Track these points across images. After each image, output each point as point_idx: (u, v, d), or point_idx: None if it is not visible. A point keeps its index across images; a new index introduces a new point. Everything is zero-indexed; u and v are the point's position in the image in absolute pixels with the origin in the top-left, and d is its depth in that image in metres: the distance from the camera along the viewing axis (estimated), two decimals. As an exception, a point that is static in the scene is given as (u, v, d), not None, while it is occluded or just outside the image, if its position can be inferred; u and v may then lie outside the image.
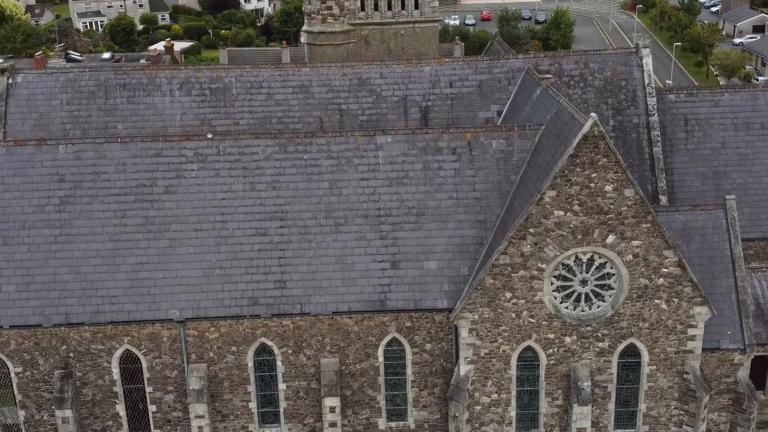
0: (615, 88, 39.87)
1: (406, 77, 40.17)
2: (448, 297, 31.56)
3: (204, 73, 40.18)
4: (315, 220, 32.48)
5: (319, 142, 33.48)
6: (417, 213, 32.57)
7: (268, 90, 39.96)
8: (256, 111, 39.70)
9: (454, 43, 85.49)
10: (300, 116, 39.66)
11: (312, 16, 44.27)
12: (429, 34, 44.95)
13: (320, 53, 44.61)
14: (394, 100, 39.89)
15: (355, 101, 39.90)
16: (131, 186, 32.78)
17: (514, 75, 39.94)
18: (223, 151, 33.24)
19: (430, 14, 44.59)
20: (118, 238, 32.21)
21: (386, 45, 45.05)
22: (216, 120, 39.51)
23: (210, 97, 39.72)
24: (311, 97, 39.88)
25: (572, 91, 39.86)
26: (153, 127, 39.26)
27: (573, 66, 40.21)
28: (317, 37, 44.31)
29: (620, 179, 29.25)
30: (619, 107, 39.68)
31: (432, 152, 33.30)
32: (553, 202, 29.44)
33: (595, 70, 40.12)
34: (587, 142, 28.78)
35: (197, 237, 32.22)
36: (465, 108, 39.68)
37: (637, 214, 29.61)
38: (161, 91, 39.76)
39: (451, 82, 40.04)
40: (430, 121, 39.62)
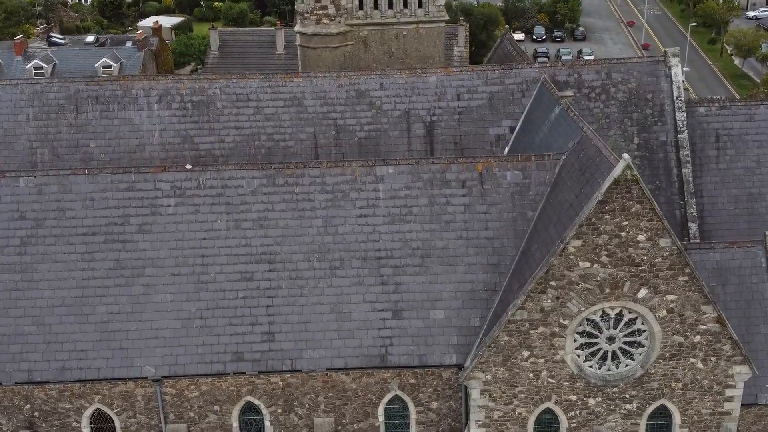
0: (640, 101, 36.05)
1: (408, 89, 36.31)
2: (457, 351, 28.13)
3: (185, 84, 36.26)
4: (307, 263, 28.92)
5: (312, 173, 29.78)
6: (422, 255, 29.01)
7: (256, 103, 36.13)
8: (243, 126, 35.91)
9: (458, 24, 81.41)
10: (292, 132, 35.89)
11: (305, 16, 40.23)
12: (434, 35, 40.96)
13: (315, 56, 40.66)
14: (396, 115, 36.08)
15: (352, 116, 36.09)
16: (100, 224, 29.17)
17: (528, 86, 36.07)
18: (204, 184, 29.56)
19: (435, 13, 40.54)
20: (85, 284, 28.69)
21: (387, 47, 41.07)
22: (199, 137, 35.74)
23: (192, 111, 35.91)
24: (304, 111, 36.06)
25: (593, 104, 36.04)
26: (129, 144, 35.52)
27: (594, 76, 36.32)
28: (311, 39, 40.32)
29: (655, 228, 25.63)
30: (644, 123, 35.90)
31: (439, 185, 29.63)
32: (578, 252, 25.84)
33: (618, 81, 36.24)
34: (618, 187, 25.09)
35: (174, 283, 28.68)
36: (474, 123, 35.88)
37: (673, 266, 26.04)
38: (138, 104, 35.93)
39: (458, 95, 36.18)
40: (435, 137, 35.87)
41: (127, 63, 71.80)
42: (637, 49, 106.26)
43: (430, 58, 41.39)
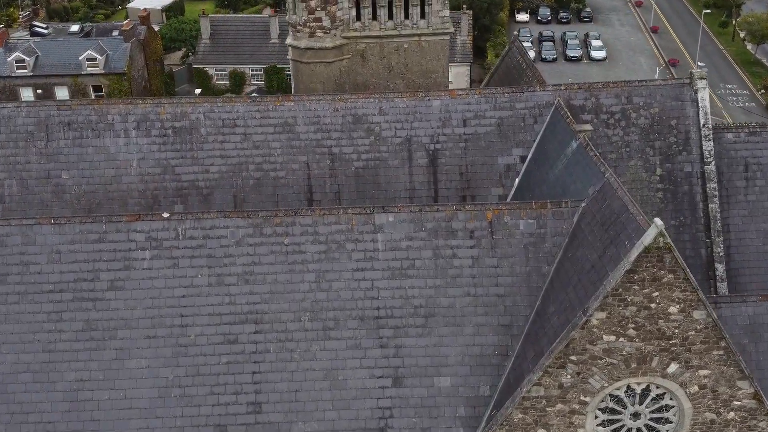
0: (664, 128, 32.97)
1: (410, 113, 33.21)
2: (465, 424, 25.43)
3: (165, 108, 33.10)
4: (298, 323, 26.10)
5: (304, 222, 26.81)
6: (425, 314, 26.17)
7: (243, 129, 33.04)
8: (229, 155, 32.86)
9: (461, 12, 77.98)
10: (283, 162, 32.86)
11: (297, 28, 36.91)
12: (437, 49, 37.68)
13: (308, 72, 37.43)
14: (397, 142, 33.03)
15: (349, 143, 33.03)
16: (68, 280, 26.27)
17: (541, 111, 32.97)
18: (183, 234, 26.59)
19: (439, 25, 37.23)
20: (52, 347, 25.88)
21: (386, 61, 37.81)
22: (181, 167, 32.70)
23: (173, 138, 32.82)
24: (296, 138, 32.99)
25: (612, 131, 32.96)
26: (104, 175, 32.51)
27: (613, 101, 33.19)
28: (304, 54, 37.06)
29: (689, 299, 22.77)
30: (668, 152, 32.86)
31: (444, 235, 26.68)
32: (602, 325, 23.01)
33: (639, 105, 33.11)
34: (649, 256, 22.17)
35: (150, 346, 25.87)
36: (481, 152, 32.85)
37: (707, 339, 23.24)
38: (114, 130, 32.83)
39: (464, 120, 33.09)
40: (439, 167, 32.86)
41: (113, 55, 68.38)
42: (645, 32, 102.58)
43: (433, 72, 38.18)
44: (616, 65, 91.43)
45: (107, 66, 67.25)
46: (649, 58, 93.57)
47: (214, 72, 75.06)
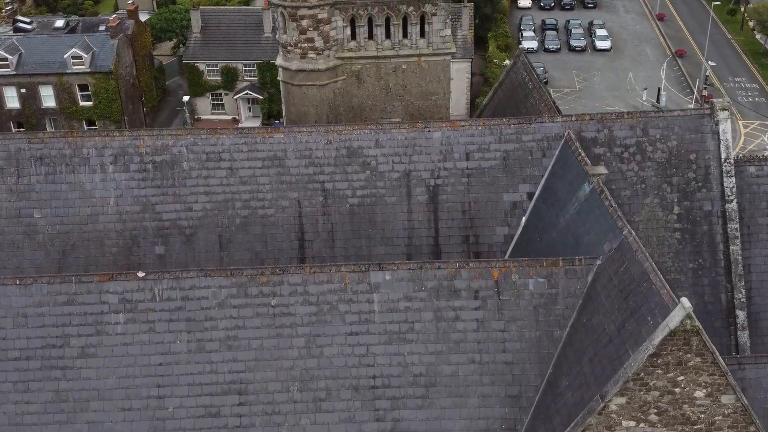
0: (682, 163, 30.61)
1: (409, 146, 30.84)
2: (468, 506, 23.30)
3: (145, 141, 30.71)
4: (286, 394, 23.95)
5: (293, 281, 24.55)
6: (426, 383, 24.02)
7: (229, 163, 30.68)
8: (214, 192, 30.53)
9: (461, 5, 74.98)
10: (272, 198, 30.56)
11: (288, 49, 34.35)
12: (438, 70, 35.16)
13: (300, 95, 34.91)
14: (394, 177, 30.68)
15: (343, 178, 30.70)
16: (35, 347, 24.09)
17: (549, 144, 30.60)
18: (160, 295, 24.35)
19: (440, 45, 34.66)
20: (19, 420, 23.78)
21: (384, 82, 35.29)
22: (162, 204, 30.40)
23: (154, 174, 30.48)
24: (286, 173, 30.65)
25: (626, 166, 30.60)
26: (80, 214, 30.22)
27: (627, 133, 30.78)
28: (295, 76, 34.54)
29: (717, 383, 20.61)
30: (686, 189, 30.53)
31: (446, 295, 24.45)
32: (621, 410, 20.88)
33: (656, 138, 30.72)
34: (675, 339, 19.94)
35: (125, 420, 23.77)
36: (486, 188, 30.52)
37: (735, 424, 21.12)
38: (89, 165, 30.48)
39: (467, 153, 30.72)
40: (440, 204, 30.55)
41: (99, 53, 65.56)
42: (651, 19, 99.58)
43: (433, 94, 35.68)
44: (621, 55, 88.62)
45: (93, 64, 64.53)
46: (656, 48, 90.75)
47: (206, 68, 72.36)
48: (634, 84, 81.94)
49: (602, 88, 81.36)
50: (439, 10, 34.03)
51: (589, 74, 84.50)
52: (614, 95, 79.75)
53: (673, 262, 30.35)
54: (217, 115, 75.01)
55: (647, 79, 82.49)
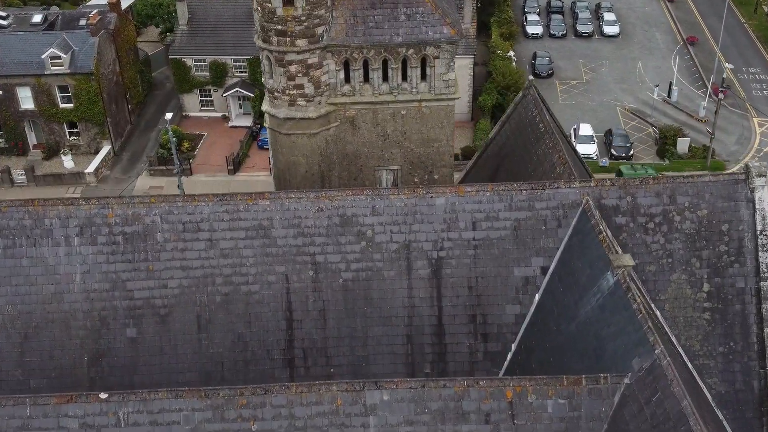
0: (713, 234, 27.51)
1: (409, 214, 27.69)
2: None
3: (114, 209, 27.53)
4: None
5: (276, 402, 21.62)
6: None
7: (209, 234, 27.56)
8: (192, 266, 27.48)
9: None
10: (257, 273, 27.54)
11: (275, 95, 30.94)
12: (441, 115, 31.81)
13: (289, 144, 31.59)
14: (393, 249, 27.60)
15: (335, 250, 27.62)
16: (-15, 480, 21.16)
17: (566, 213, 27.46)
18: (125, 419, 21.42)
19: (442, 90, 31.26)
20: None
21: (381, 128, 31.95)
22: (134, 281, 27.40)
23: (124, 247, 27.39)
24: (272, 245, 27.56)
25: (651, 238, 27.50)
26: (42, 293, 27.23)
27: (653, 200, 27.62)
28: (284, 124, 31.19)
29: None
30: (717, 264, 27.47)
31: (453, 419, 21.56)
32: None
33: (684, 206, 27.56)
34: None
35: None
36: (494, 262, 27.47)
37: None
38: (53, 238, 27.37)
39: (474, 222, 27.58)
40: (443, 279, 27.53)
41: (79, 52, 61.71)
42: (661, 0, 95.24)
43: (435, 141, 32.37)
44: (630, 42, 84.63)
45: (73, 65, 60.70)
46: (666, 33, 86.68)
47: (193, 63, 68.56)
48: (643, 75, 78.21)
49: (610, 79, 77.62)
50: (442, 53, 30.55)
51: (597, 64, 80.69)
52: (623, 88, 76.08)
53: (702, 345, 27.43)
54: (205, 112, 71.37)
55: (657, 70, 78.76)
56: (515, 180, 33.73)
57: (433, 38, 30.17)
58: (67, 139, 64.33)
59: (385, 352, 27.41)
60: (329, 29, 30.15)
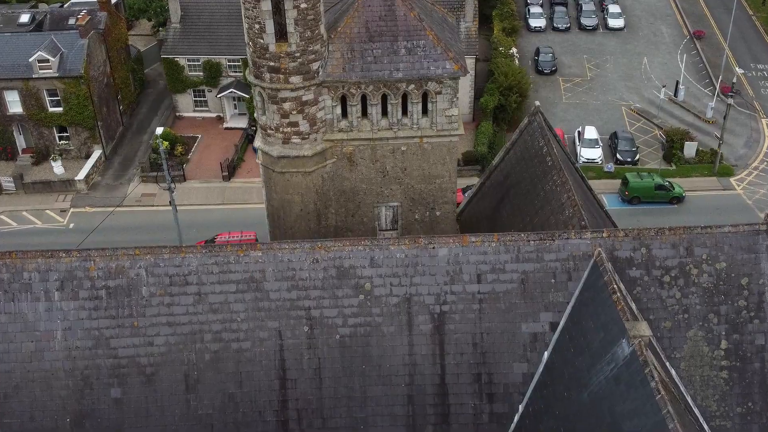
0: (731, 288, 26.00)
1: (410, 265, 26.14)
2: None
3: (96, 262, 25.95)
4: None
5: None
6: None
7: (197, 288, 26.04)
8: (179, 322, 26.00)
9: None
10: (248, 329, 26.07)
11: (268, 132, 29.19)
12: (443, 151, 30.07)
13: (283, 182, 29.88)
14: (393, 303, 26.09)
15: (332, 304, 26.12)
16: None
17: (576, 265, 25.93)
18: None
19: (445, 126, 29.50)
20: None
21: (380, 165, 30.23)
22: (118, 338, 25.93)
23: (107, 302, 25.89)
24: (265, 298, 26.06)
25: (667, 292, 25.98)
26: (21, 351, 25.82)
27: (669, 252, 26.04)
28: (277, 162, 29.47)
29: None
30: (736, 320, 25.99)
31: None
32: None
33: (701, 258, 26.00)
34: None
35: None
36: (501, 316, 25.99)
37: None
38: (32, 292, 25.86)
39: (479, 275, 26.04)
40: (446, 335, 26.07)
41: (68, 54, 59.68)
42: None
43: (437, 177, 30.64)
44: (635, 36, 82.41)
45: (62, 68, 58.67)
46: (672, 27, 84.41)
47: (186, 63, 66.48)
48: (649, 72, 76.19)
49: (615, 77, 75.58)
50: (445, 88, 28.74)
51: (601, 59, 78.62)
52: (628, 86, 74.10)
53: (719, 405, 26.03)
54: (199, 112, 69.40)
55: (663, 67, 76.73)
56: (520, 216, 32.28)
57: (435, 74, 28.36)
58: (56, 143, 62.45)
59: (385, 414, 25.99)
60: (325, 64, 28.31)
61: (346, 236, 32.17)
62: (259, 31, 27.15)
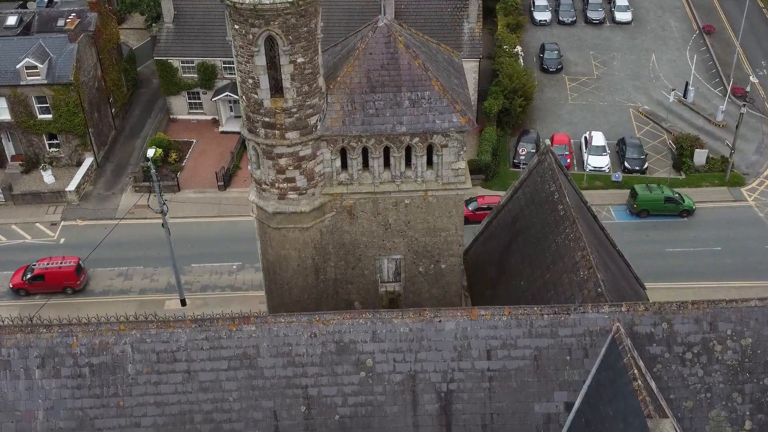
0: (757, 366, 24.43)
1: (414, 340, 24.48)
2: None
3: (79, 338, 24.28)
4: None
5: None
6: None
7: (186, 365, 24.41)
8: (167, 402, 24.40)
9: (468, -9, 66.11)
10: (241, 409, 24.47)
11: (263, 187, 27.31)
12: (450, 204, 28.23)
13: (279, 238, 28.07)
14: (396, 381, 24.47)
15: (331, 382, 24.52)
16: None
17: (593, 341, 24.27)
18: None
19: (451, 179, 27.61)
20: None
21: (382, 218, 28.40)
22: (102, 419, 24.39)
23: (92, 381, 24.29)
24: (259, 376, 24.43)
25: (689, 370, 24.35)
26: (2, 431, 23.99)
27: (691, 327, 24.36)
28: (273, 219, 27.66)
29: None
30: (761, 399, 24.45)
31: None
32: None
33: (726, 334, 24.34)
34: None
35: None
36: (512, 396, 24.38)
37: None
38: (11, 370, 24.32)
39: (489, 351, 24.40)
40: (454, 416, 24.45)
41: (57, 60, 57.48)
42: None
43: (443, 230, 28.83)
44: (643, 30, 79.92)
45: (50, 75, 56.45)
46: (681, 20, 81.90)
47: (180, 64, 64.21)
48: (657, 70, 73.94)
49: (623, 75, 73.34)
50: (452, 141, 26.83)
51: (608, 56, 76.31)
52: (636, 86, 71.91)
53: (743, 490, 24.46)
54: (194, 115, 67.28)
55: (672, 65, 74.48)
56: (531, 268, 30.55)
57: (441, 127, 26.41)
58: (47, 150, 60.44)
59: (388, 500, 24.46)
60: (323, 117, 26.37)
61: (347, 288, 30.50)
62: (253, 86, 25.17)
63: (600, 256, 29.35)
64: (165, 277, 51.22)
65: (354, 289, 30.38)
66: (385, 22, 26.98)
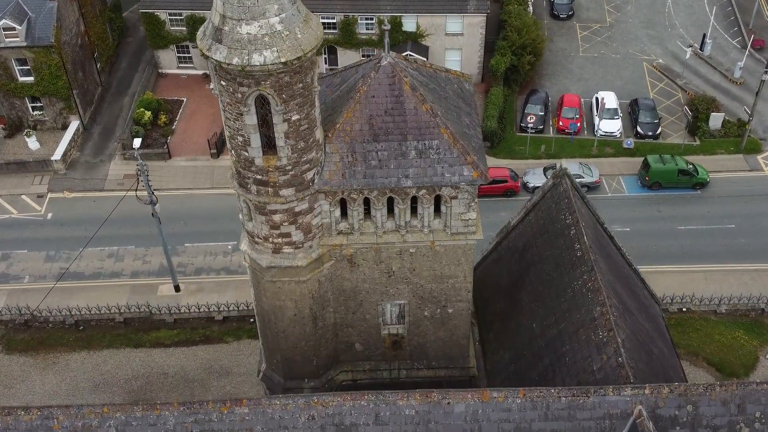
0: (790, 450, 22.63)
1: (421, 423, 22.71)
2: None
3: (60, 420, 22.47)
4: None
5: None
6: None
7: (176, 450, 22.58)
8: (157, 489, 22.64)
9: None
10: (235, 495, 22.75)
11: (256, 240, 24.97)
12: (458, 253, 25.94)
13: (274, 291, 25.90)
14: (401, 465, 22.74)
15: (331, 466, 22.75)
16: None
17: (613, 425, 22.56)
18: None
19: (461, 229, 25.22)
20: None
21: (385, 266, 26.15)
22: (88, 506, 22.58)
23: (74, 466, 22.45)
24: (254, 460, 22.65)
25: (714, 455, 22.63)
26: None
27: (718, 410, 22.61)
28: (267, 272, 25.43)
29: None
30: (793, 487, 22.72)
31: None
32: None
33: (754, 417, 22.59)
34: None
35: None
36: (525, 481, 22.70)
37: None
38: (-14, 456, 22.40)
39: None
40: (462, 503, 22.80)
41: (36, 19, 53.87)
42: None
43: (450, 277, 26.66)
44: None
45: (30, 36, 52.91)
46: None
47: (167, 17, 60.40)
48: (673, 18, 70.06)
49: (637, 23, 69.52)
50: (462, 193, 24.38)
51: (622, 1, 72.25)
52: (650, 35, 68.22)
53: None
54: (184, 69, 63.87)
55: (688, 11, 70.57)
56: (544, 311, 28.60)
57: (451, 181, 23.89)
58: (30, 114, 57.45)
59: None
60: (321, 170, 23.83)
61: (347, 332, 28.58)
62: (242, 144, 22.52)
63: (619, 299, 27.33)
64: (157, 258, 49.18)
65: (355, 332, 28.48)
66: (389, 61, 24.06)
